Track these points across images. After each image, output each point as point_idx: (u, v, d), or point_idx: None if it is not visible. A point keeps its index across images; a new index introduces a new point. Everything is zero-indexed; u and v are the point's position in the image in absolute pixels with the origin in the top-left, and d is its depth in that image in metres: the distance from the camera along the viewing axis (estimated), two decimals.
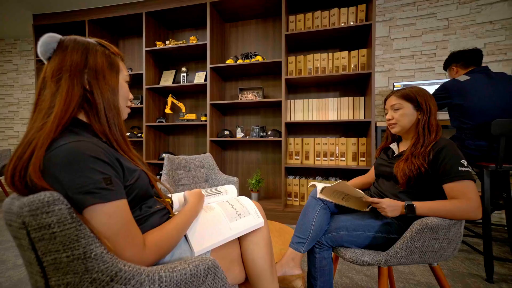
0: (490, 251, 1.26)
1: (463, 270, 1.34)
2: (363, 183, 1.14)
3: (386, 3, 2.48)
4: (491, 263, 1.25)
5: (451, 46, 2.30)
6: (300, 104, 2.40)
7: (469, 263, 1.42)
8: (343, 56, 2.23)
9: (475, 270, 1.34)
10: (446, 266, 1.38)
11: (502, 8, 2.14)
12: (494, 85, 1.41)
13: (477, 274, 1.30)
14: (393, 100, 0.95)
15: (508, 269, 1.36)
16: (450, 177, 0.75)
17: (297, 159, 2.35)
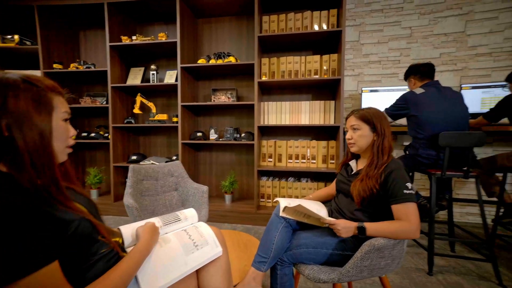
0: (432, 247, 1.42)
1: (411, 265, 1.50)
2: (327, 195, 1.20)
3: (357, 8, 2.54)
4: (432, 258, 1.42)
5: (413, 54, 2.44)
6: (273, 107, 2.42)
7: (417, 258, 1.58)
8: (315, 60, 2.27)
9: (420, 265, 1.50)
10: None
11: (453, 21, 2.31)
12: (443, 100, 1.54)
13: (422, 268, 1.46)
14: (353, 120, 0.99)
15: (445, 261, 1.55)
16: (396, 199, 0.82)
17: (270, 161, 2.39)
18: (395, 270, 1.43)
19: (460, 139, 1.43)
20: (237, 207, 2.33)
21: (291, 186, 2.32)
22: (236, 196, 2.64)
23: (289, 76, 2.28)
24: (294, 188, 2.32)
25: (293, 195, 2.32)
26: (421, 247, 1.63)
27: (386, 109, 1.81)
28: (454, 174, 1.47)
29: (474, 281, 1.36)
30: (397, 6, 2.44)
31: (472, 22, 2.28)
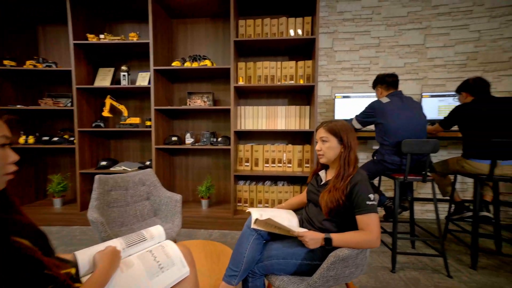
0: (395, 246, 1.54)
1: (378, 264, 1.61)
2: (299, 203, 1.24)
3: (330, 16, 2.63)
4: (395, 256, 1.54)
5: (381, 62, 2.60)
6: (250, 111, 2.43)
7: (383, 257, 1.71)
8: (291, 65, 2.31)
9: (385, 263, 1.62)
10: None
11: (415, 34, 2.50)
12: (405, 109, 1.67)
13: (386, 266, 1.58)
14: (322, 132, 1.04)
15: (407, 258, 1.69)
16: (360, 210, 0.87)
17: (247, 165, 2.40)
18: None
19: (419, 146, 1.56)
20: (213, 213, 2.31)
21: (267, 190, 2.36)
22: (213, 201, 2.62)
23: (266, 81, 2.31)
24: (271, 191, 2.35)
25: (270, 198, 2.36)
26: (386, 246, 1.75)
27: (356, 116, 1.92)
28: (414, 178, 1.61)
29: (429, 274, 1.50)
30: (366, 17, 2.58)
31: (430, 36, 2.48)
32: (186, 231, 2.15)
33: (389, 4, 2.53)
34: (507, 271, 1.57)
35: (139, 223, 1.44)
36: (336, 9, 2.62)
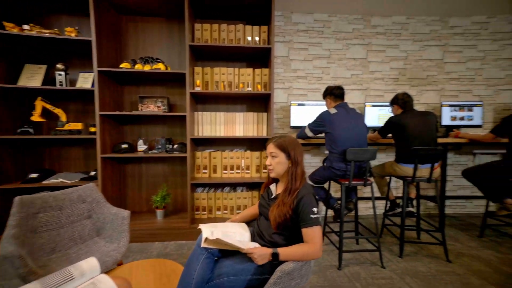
0: (341, 245, 1.70)
1: (327, 263, 1.76)
2: (252, 214, 1.28)
3: (286, 25, 2.75)
4: (341, 255, 1.70)
5: (332, 73, 2.82)
6: (208, 117, 2.38)
7: (332, 255, 1.87)
8: (248, 73, 2.34)
9: (333, 261, 1.78)
10: (317, 262, 1.77)
11: (359, 49, 2.78)
12: (350, 120, 1.85)
13: (334, 264, 1.74)
14: (271, 148, 1.08)
15: (351, 255, 1.89)
16: (305, 223, 0.94)
17: (205, 173, 2.36)
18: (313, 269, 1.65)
19: (361, 154, 1.74)
20: (170, 223, 2.21)
21: (226, 196, 2.35)
22: (170, 210, 2.50)
23: (223, 87, 2.29)
24: (230, 198, 2.36)
25: (229, 205, 2.36)
26: (334, 245, 1.92)
27: (309, 124, 2.04)
28: (357, 183, 1.79)
29: (368, 268, 1.70)
30: (318, 29, 2.76)
31: (371, 51, 2.79)
32: (139, 245, 2.01)
33: (337, 19, 2.76)
34: (423, 255, 1.88)
35: (77, 246, 1.29)
36: (291, 19, 2.74)
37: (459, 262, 1.78)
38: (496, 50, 2.81)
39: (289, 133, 2.77)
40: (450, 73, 2.85)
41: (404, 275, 1.61)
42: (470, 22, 2.78)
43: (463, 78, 2.85)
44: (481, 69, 2.83)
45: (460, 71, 2.84)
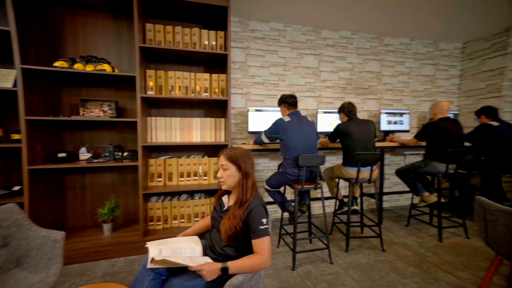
0: (295, 246, 1.81)
1: (282, 265, 1.85)
2: (206, 226, 1.27)
3: (244, 32, 2.78)
4: (295, 255, 1.81)
5: (287, 80, 2.96)
6: (162, 123, 2.27)
7: (287, 256, 1.97)
8: (205, 78, 2.29)
9: (288, 262, 1.89)
10: (273, 265, 1.85)
11: (312, 59, 2.99)
12: (302, 127, 1.97)
13: (288, 265, 1.84)
14: (223, 160, 1.09)
15: (305, 254, 2.02)
16: (255, 235, 0.98)
17: (159, 181, 2.24)
18: (268, 272, 1.72)
19: (312, 160, 1.87)
20: (119, 237, 2.04)
21: (183, 204, 2.28)
22: (120, 223, 2.30)
23: (179, 92, 2.20)
24: (187, 206, 2.29)
25: (186, 213, 2.29)
26: (288, 247, 2.03)
27: (265, 131, 2.11)
28: (309, 186, 1.92)
29: (318, 265, 1.85)
30: (274, 38, 2.87)
31: (322, 62, 3.03)
32: (80, 267, 1.80)
33: (291, 30, 2.91)
34: (365, 248, 2.13)
35: None
36: (249, 26, 2.79)
37: (391, 250, 2.06)
38: (417, 67, 3.33)
39: (247, 138, 2.82)
40: (386, 84, 3.27)
41: (348, 268, 1.80)
42: (399, 42, 3.24)
43: (396, 90, 3.30)
44: (408, 83, 3.32)
45: (393, 83, 3.28)
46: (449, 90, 3.49)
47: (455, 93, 3.51)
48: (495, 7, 2.45)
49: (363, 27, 2.95)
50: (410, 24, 2.84)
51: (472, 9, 2.49)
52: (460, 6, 2.44)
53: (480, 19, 2.70)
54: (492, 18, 2.67)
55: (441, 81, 3.45)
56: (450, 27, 2.91)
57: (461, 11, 2.53)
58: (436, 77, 3.43)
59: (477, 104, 3.23)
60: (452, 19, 2.73)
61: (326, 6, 2.46)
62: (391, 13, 2.58)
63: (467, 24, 2.84)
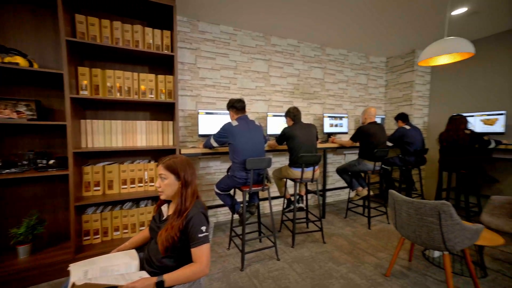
0: (243, 248, 1.87)
1: (231, 267, 1.89)
2: (145, 237, 1.21)
3: (193, 32, 2.71)
4: (243, 256, 1.87)
5: (239, 83, 3.00)
6: (100, 126, 2.06)
7: (237, 258, 2.02)
8: (150, 79, 2.16)
9: (238, 263, 1.93)
10: (223, 267, 1.87)
11: (262, 64, 3.11)
12: (249, 131, 2.04)
13: (238, 267, 1.88)
14: (161, 169, 1.06)
15: (254, 254, 2.10)
16: (194, 243, 0.98)
17: (97, 190, 2.03)
18: (217, 276, 1.73)
19: (259, 163, 1.95)
20: (42, 259, 1.76)
21: (127, 213, 2.11)
22: (45, 241, 2.00)
23: (120, 93, 2.03)
24: (131, 215, 2.13)
25: (130, 223, 2.12)
26: (238, 248, 2.07)
27: (214, 135, 2.11)
28: (256, 189, 2.00)
29: (266, 263, 1.95)
30: (224, 41, 2.88)
31: (272, 67, 3.17)
32: None
33: (242, 34, 2.96)
34: (309, 241, 2.33)
35: None
36: (198, 27, 2.73)
37: (331, 242, 2.30)
38: (354, 76, 3.78)
39: (198, 141, 2.77)
40: (329, 90, 3.61)
41: (293, 262, 1.94)
42: (338, 53, 3.62)
43: (337, 95, 3.67)
44: (347, 89, 3.74)
45: (334, 89, 3.65)
46: (378, 97, 4.05)
47: (383, 100, 4.10)
48: (405, 32, 2.95)
49: (308, 37, 3.19)
50: (346, 38, 3.20)
51: (390, 32, 2.95)
52: (383, 28, 2.86)
53: (396, 40, 3.21)
54: (404, 40, 3.21)
55: (372, 89, 3.98)
56: (376, 44, 3.39)
57: (383, 32, 2.97)
58: (368, 85, 3.94)
59: (397, 110, 3.84)
60: (377, 38, 3.17)
61: (273, 14, 2.58)
62: (330, 27, 2.87)
63: (388, 43, 3.35)
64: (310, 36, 3.15)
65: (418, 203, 1.49)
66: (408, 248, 2.07)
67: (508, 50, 2.94)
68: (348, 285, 1.65)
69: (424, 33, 3.01)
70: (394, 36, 3.11)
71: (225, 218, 2.95)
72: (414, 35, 3.07)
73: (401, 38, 3.19)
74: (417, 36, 3.12)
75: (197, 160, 2.80)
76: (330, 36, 3.15)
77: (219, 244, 2.27)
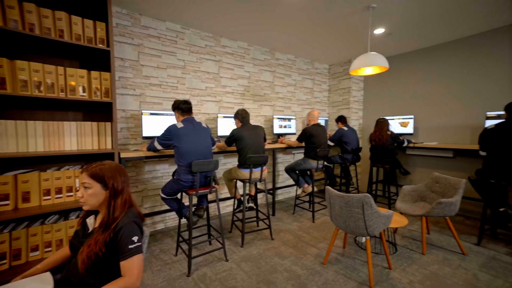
0: (190, 253, 1.83)
1: (177, 273, 1.83)
2: (64, 257, 1.07)
3: (134, 27, 2.52)
4: (190, 261, 1.82)
5: (187, 83, 2.91)
6: (12, 128, 1.74)
7: (184, 264, 1.96)
8: (81, 74, 1.92)
9: (184, 269, 1.88)
10: (168, 275, 1.79)
11: (212, 64, 3.08)
12: (195, 134, 2.00)
13: (184, 272, 1.83)
14: (84, 178, 0.96)
15: (202, 258, 2.07)
16: (123, 256, 0.91)
17: (5, 205, 1.70)
18: (162, 285, 1.65)
19: (206, 165, 1.93)
20: None
21: (50, 229, 1.83)
22: None
23: (37, 89, 1.74)
24: (56, 230, 1.85)
25: (55, 239, 1.85)
26: (185, 254, 2.01)
27: (157, 137, 2.00)
28: (204, 191, 1.97)
29: (215, 265, 1.95)
30: (171, 39, 2.75)
31: (222, 68, 3.17)
32: None
33: (190, 33, 2.88)
34: (258, 239, 2.41)
35: None
36: (141, 22, 2.55)
37: (278, 238, 2.43)
38: (301, 80, 4.06)
39: (142, 143, 2.58)
40: (278, 93, 3.79)
41: (241, 262, 1.98)
42: (286, 58, 3.83)
43: (286, 98, 3.88)
44: (295, 92, 3.99)
45: (283, 92, 3.85)
46: (322, 101, 4.44)
47: (326, 103, 4.51)
48: (341, 44, 3.32)
49: (258, 41, 3.29)
50: (293, 44, 3.40)
51: (329, 42, 3.27)
52: (323, 38, 3.14)
53: (335, 50, 3.58)
54: (341, 50, 3.60)
55: (317, 93, 4.33)
56: (319, 52, 3.70)
57: (323, 42, 3.26)
58: (314, 89, 4.28)
59: (338, 112, 4.28)
60: (319, 46, 3.47)
61: (222, 13, 2.57)
62: (278, 33, 3.01)
63: (329, 52, 3.70)
64: (260, 40, 3.25)
65: (347, 197, 1.70)
66: (343, 236, 2.33)
67: (415, 67, 3.56)
68: (291, 277, 1.77)
69: (355, 46, 3.42)
70: (333, 46, 3.45)
71: (174, 223, 2.82)
72: (348, 47, 3.47)
73: (339, 49, 3.57)
74: (351, 48, 3.53)
75: (141, 164, 2.61)
76: (279, 42, 3.31)
77: (165, 251, 2.16)
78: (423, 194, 2.45)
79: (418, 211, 2.16)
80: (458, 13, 2.48)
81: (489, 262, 1.95)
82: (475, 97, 3.05)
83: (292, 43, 3.34)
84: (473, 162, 3.01)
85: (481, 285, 1.67)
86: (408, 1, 2.26)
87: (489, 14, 2.53)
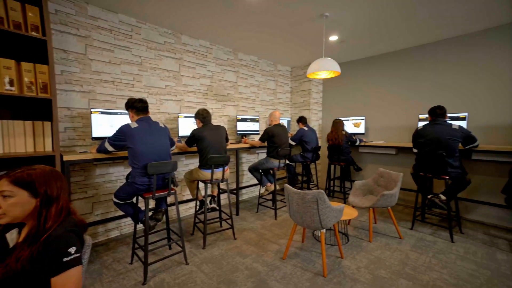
0: (146, 260, 1.74)
1: (132, 283, 1.72)
2: None
3: (79, 16, 2.29)
4: (146, 269, 1.73)
5: (145, 81, 2.75)
6: None
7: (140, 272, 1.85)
8: (7, 65, 1.67)
9: (140, 277, 1.78)
10: (121, 286, 1.67)
11: (172, 62, 2.95)
12: (152, 134, 1.90)
13: (140, 281, 1.73)
14: (4, 185, 0.83)
15: (160, 264, 1.99)
16: (55, 271, 0.81)
17: None
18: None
19: (163, 167, 1.85)
20: None
21: None
22: None
23: None
24: None
25: None
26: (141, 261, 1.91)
27: (109, 138, 1.86)
28: (161, 194, 1.89)
29: (173, 270, 1.88)
30: (125, 33, 2.57)
31: (183, 66, 3.07)
32: None
33: (147, 28, 2.72)
34: (220, 240, 2.40)
35: None
36: (88, 11, 2.33)
37: (241, 237, 2.46)
38: (264, 81, 4.15)
39: (92, 145, 2.36)
40: (242, 93, 3.81)
41: (202, 264, 1.95)
42: (249, 59, 3.88)
43: (249, 98, 3.93)
44: (258, 93, 4.06)
45: (247, 93, 3.89)
46: (285, 102, 4.60)
47: (289, 104, 4.69)
48: (300, 48, 3.49)
49: (220, 40, 3.26)
50: (255, 46, 3.46)
51: (290, 45, 3.41)
52: (284, 41, 3.26)
53: (295, 53, 3.74)
54: (301, 54, 3.78)
55: (280, 94, 4.48)
56: (281, 54, 3.83)
57: (285, 45, 3.39)
58: (277, 90, 4.41)
59: (299, 113, 4.48)
60: (281, 49, 3.59)
61: (181, 8, 2.49)
62: (241, 32, 3.03)
63: (290, 55, 3.86)
64: (222, 39, 3.23)
65: (303, 194, 1.79)
66: (302, 231, 2.46)
67: (365, 73, 3.93)
68: (251, 274, 1.80)
69: (313, 51, 3.63)
70: (293, 50, 3.60)
71: (131, 229, 2.65)
72: (307, 51, 3.66)
73: (299, 53, 3.74)
74: (309, 53, 3.73)
75: (91, 167, 2.39)
76: (241, 42, 3.33)
77: (119, 260, 2.02)
78: (371, 188, 2.72)
79: (366, 203, 2.39)
80: (400, 28, 2.81)
81: (418, 242, 2.29)
82: (410, 101, 3.49)
83: (255, 44, 3.39)
84: (412, 158, 3.44)
85: (411, 262, 1.97)
86: (359, 12, 2.48)
87: (429, 30, 2.91)
